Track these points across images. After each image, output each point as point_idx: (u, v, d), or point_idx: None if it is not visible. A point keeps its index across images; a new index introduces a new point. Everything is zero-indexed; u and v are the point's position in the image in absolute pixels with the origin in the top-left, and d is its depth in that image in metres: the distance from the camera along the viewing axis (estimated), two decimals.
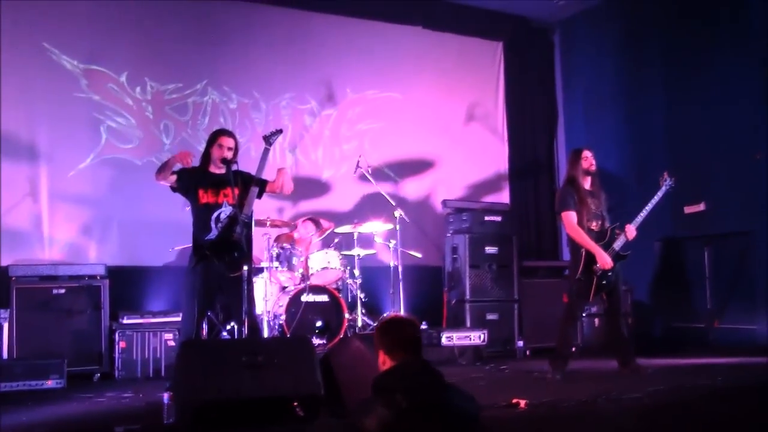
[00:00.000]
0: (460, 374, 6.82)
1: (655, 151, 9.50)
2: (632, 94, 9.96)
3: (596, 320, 8.90)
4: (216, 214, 5.88)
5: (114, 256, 8.07)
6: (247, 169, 6.11)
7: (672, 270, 9.37)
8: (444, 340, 7.92)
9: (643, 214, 6.66)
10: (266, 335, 7.29)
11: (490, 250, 8.85)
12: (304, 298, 7.62)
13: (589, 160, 6.70)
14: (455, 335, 8.00)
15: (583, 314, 8.57)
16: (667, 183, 6.83)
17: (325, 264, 7.93)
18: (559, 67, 11.23)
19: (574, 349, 7.73)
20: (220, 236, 5.81)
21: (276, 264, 7.81)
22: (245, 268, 5.70)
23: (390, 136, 9.80)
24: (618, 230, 6.61)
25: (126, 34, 8.48)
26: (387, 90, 9.90)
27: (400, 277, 8.15)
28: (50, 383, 6.49)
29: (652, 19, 9.67)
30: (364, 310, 8.01)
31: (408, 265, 8.48)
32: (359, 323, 7.93)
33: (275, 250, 7.85)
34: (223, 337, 6.84)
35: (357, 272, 8.10)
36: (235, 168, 5.90)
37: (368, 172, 8.45)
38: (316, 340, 7.41)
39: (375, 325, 3.81)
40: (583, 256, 6.48)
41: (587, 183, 6.71)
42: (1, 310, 6.93)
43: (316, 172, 9.43)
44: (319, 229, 8.35)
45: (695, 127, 9.04)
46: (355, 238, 8.22)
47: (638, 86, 9.87)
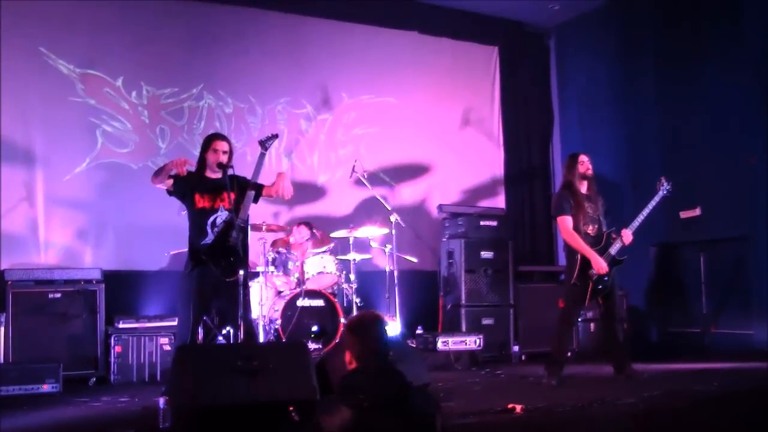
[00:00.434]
0: (455, 379, 6.84)
1: (650, 156, 9.53)
2: (627, 99, 9.99)
3: (592, 325, 8.91)
4: (212, 218, 5.88)
5: (110, 261, 8.07)
6: (243, 174, 6.11)
7: (668, 275, 9.39)
8: (440, 345, 7.92)
9: (640, 218, 6.63)
10: (262, 340, 7.29)
11: (486, 254, 8.85)
12: (300, 303, 7.62)
13: (585, 164, 6.70)
14: (451, 340, 8.00)
15: (579, 319, 8.60)
16: (664, 188, 6.82)
17: (321, 268, 7.93)
18: (554, 72, 11.26)
19: (570, 354, 7.74)
20: (216, 241, 5.81)
21: (272, 268, 7.81)
22: (241, 272, 5.70)
23: (386, 141, 9.82)
24: (614, 235, 6.61)
25: (122, 39, 8.48)
26: (382, 95, 9.91)
27: (396, 282, 8.16)
28: (46, 387, 6.46)
29: (647, 25, 9.70)
30: None
31: (404, 270, 8.49)
32: None
33: (271, 255, 7.85)
34: (219, 342, 6.83)
35: (353, 277, 8.09)
36: (231, 172, 5.90)
37: (364, 177, 8.46)
38: (312, 345, 7.40)
39: (344, 325, 3.85)
40: (579, 261, 6.48)
41: (584, 187, 6.70)
42: None
43: (312, 177, 9.44)
44: (313, 236, 8.35)
45: (690, 132, 9.07)
46: (351, 242, 8.21)
47: (633, 91, 9.90)
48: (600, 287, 6.51)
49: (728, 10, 8.69)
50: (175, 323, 7.21)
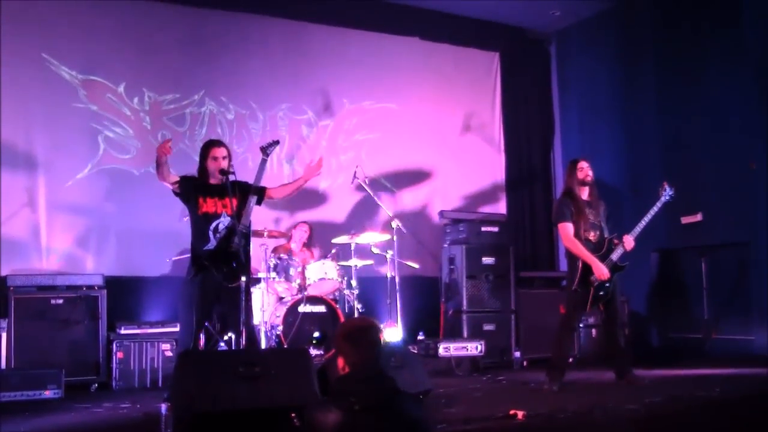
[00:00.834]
0: (457, 385, 6.83)
1: (651, 161, 9.54)
2: (628, 104, 10.01)
3: (593, 331, 8.92)
4: (215, 224, 5.89)
5: (111, 266, 8.07)
6: (244, 179, 6.13)
7: (669, 280, 9.39)
8: (441, 351, 7.92)
9: (642, 224, 6.59)
10: (263, 346, 7.30)
11: (487, 260, 8.85)
12: (302, 309, 7.63)
13: (585, 170, 6.70)
14: (452, 346, 8.01)
15: (580, 325, 8.60)
16: (666, 193, 6.77)
17: (322, 274, 7.93)
18: (555, 78, 11.28)
19: (571, 359, 7.75)
20: (219, 247, 5.82)
21: (273, 274, 7.82)
22: (243, 278, 5.71)
23: (387, 147, 9.83)
24: (616, 241, 6.59)
25: (124, 45, 8.51)
26: (384, 101, 9.93)
27: (398, 288, 8.16)
28: (48, 393, 6.47)
29: (647, 30, 9.72)
30: None
31: (405, 276, 8.49)
32: None
33: (272, 261, 7.85)
34: (221, 348, 6.84)
35: (354, 283, 8.10)
36: (233, 178, 5.91)
37: (365, 183, 8.46)
38: (313, 351, 7.40)
39: (337, 330, 3.87)
40: (580, 267, 6.48)
41: (584, 193, 6.70)
42: None
43: (313, 183, 9.36)
44: (311, 242, 8.38)
45: (690, 137, 9.08)
46: (352, 248, 8.21)
47: (634, 96, 9.92)
48: (601, 293, 6.50)
49: (728, 14, 8.70)
50: (176, 329, 7.22)
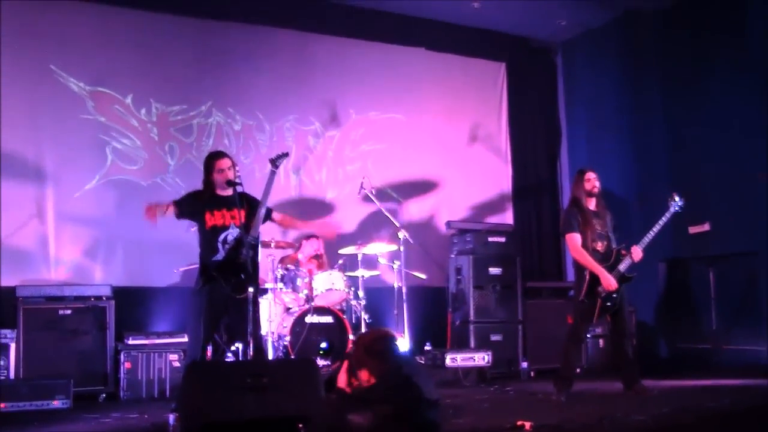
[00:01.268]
0: (464, 396, 6.82)
1: (658, 170, 9.53)
2: (634, 114, 10.00)
3: (601, 341, 8.91)
4: (223, 236, 5.92)
5: (119, 277, 8.09)
6: (253, 191, 6.15)
7: (677, 291, 9.37)
8: (448, 361, 7.92)
9: (651, 235, 6.57)
10: (271, 356, 7.30)
11: (494, 271, 8.85)
12: (309, 320, 7.63)
13: (592, 181, 6.70)
14: (459, 356, 8.00)
15: (588, 335, 8.58)
16: (675, 204, 6.76)
17: (330, 285, 7.93)
18: (561, 88, 11.28)
19: (579, 370, 7.73)
20: (227, 258, 5.84)
21: (280, 285, 7.83)
22: (251, 289, 5.72)
23: (393, 157, 9.84)
24: (624, 251, 6.58)
25: (131, 57, 8.55)
26: (390, 111, 9.94)
27: (404, 298, 8.14)
28: (56, 403, 6.49)
29: (653, 40, 9.73)
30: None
31: (412, 286, 8.48)
32: None
33: (279, 272, 7.86)
34: (228, 359, 6.85)
35: (361, 293, 8.10)
36: (240, 190, 5.93)
37: (372, 193, 8.46)
38: (321, 361, 7.40)
39: (357, 345, 3.91)
40: (588, 278, 6.47)
41: (592, 204, 6.71)
42: (7, 331, 6.97)
43: (320, 193, 9.46)
44: (318, 257, 8.37)
45: (698, 147, 9.07)
46: (359, 259, 8.22)
47: (640, 106, 9.91)
48: (609, 304, 6.49)
49: (734, 23, 8.70)
50: (184, 340, 7.24)
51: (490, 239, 9.02)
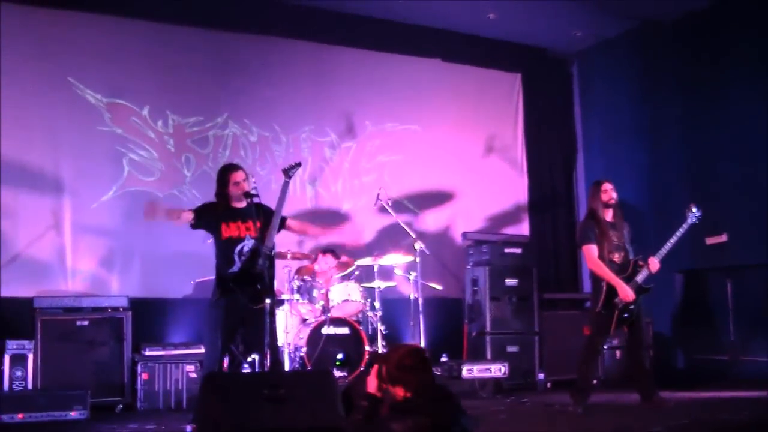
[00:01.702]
0: (480, 407, 6.80)
1: (675, 181, 9.49)
2: (651, 125, 9.95)
3: (617, 352, 8.86)
4: (239, 247, 5.93)
5: (136, 288, 8.12)
6: (269, 203, 6.16)
7: (694, 302, 9.31)
8: (465, 373, 7.90)
9: (668, 246, 6.55)
10: (287, 368, 7.31)
11: (510, 282, 8.84)
12: (325, 331, 7.62)
13: (608, 192, 6.69)
14: (476, 367, 7.98)
15: (605, 347, 8.53)
16: (693, 215, 6.72)
17: (346, 296, 7.93)
18: (577, 99, 11.25)
19: (596, 381, 7.69)
20: (243, 269, 5.86)
21: (297, 296, 7.83)
22: (268, 300, 5.72)
23: (409, 169, 9.84)
24: (641, 262, 6.56)
25: (148, 69, 8.60)
26: (406, 122, 9.95)
27: (421, 309, 8.12)
28: (74, 414, 6.49)
29: (670, 51, 9.69)
30: (384, 343, 7.99)
31: (428, 297, 8.46)
32: None
33: (296, 283, 7.87)
34: (245, 370, 6.86)
35: (377, 304, 8.09)
36: (257, 200, 5.95)
37: (388, 204, 8.45)
38: (337, 373, 7.39)
39: (389, 363, 3.95)
40: (605, 289, 6.46)
41: (608, 215, 6.69)
42: (25, 342, 6.98)
43: (336, 204, 9.48)
44: (339, 263, 8.34)
45: (714, 157, 9.04)
46: (376, 270, 8.21)
47: (657, 116, 9.86)
48: (626, 315, 6.47)
49: (752, 35, 8.67)
50: (201, 351, 7.25)
51: (507, 250, 9.01)
